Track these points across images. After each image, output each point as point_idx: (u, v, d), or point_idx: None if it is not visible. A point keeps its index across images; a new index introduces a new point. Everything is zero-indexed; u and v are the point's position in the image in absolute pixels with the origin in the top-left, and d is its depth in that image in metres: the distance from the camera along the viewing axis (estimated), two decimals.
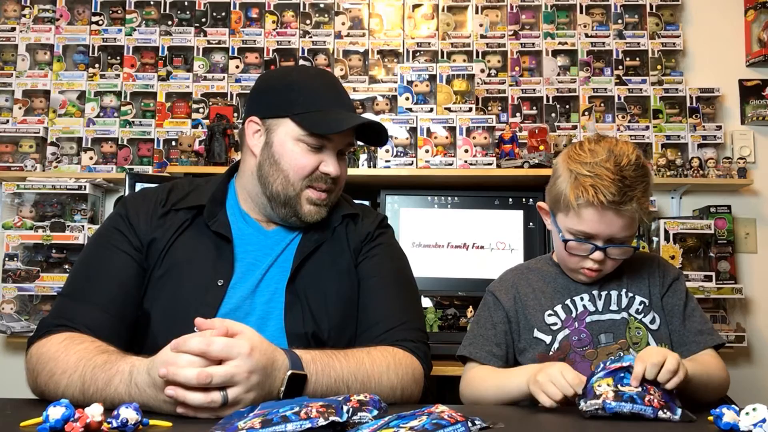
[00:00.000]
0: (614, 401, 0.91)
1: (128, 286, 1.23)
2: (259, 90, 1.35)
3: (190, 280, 1.24)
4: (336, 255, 1.32)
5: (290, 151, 1.27)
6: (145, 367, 0.98)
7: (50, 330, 1.16)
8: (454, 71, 2.50)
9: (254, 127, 1.31)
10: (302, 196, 1.28)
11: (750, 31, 2.74)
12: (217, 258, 1.27)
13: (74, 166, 2.64)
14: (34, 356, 1.14)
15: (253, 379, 0.95)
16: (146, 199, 1.33)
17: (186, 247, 1.27)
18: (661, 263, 1.40)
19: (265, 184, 1.29)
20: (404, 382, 1.20)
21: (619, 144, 1.28)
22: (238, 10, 2.75)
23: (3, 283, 2.44)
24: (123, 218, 1.29)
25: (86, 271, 1.26)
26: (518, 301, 1.38)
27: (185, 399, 0.92)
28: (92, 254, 1.28)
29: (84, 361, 1.05)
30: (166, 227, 1.28)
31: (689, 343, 1.31)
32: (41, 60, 2.73)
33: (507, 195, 2.37)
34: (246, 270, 1.27)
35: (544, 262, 1.44)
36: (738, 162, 2.58)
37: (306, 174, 1.27)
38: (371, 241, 1.36)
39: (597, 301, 1.35)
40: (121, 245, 1.26)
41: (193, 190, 1.35)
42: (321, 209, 1.30)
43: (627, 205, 1.21)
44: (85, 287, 1.22)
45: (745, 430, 0.85)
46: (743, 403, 0.92)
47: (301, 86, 1.30)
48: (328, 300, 1.28)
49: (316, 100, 1.28)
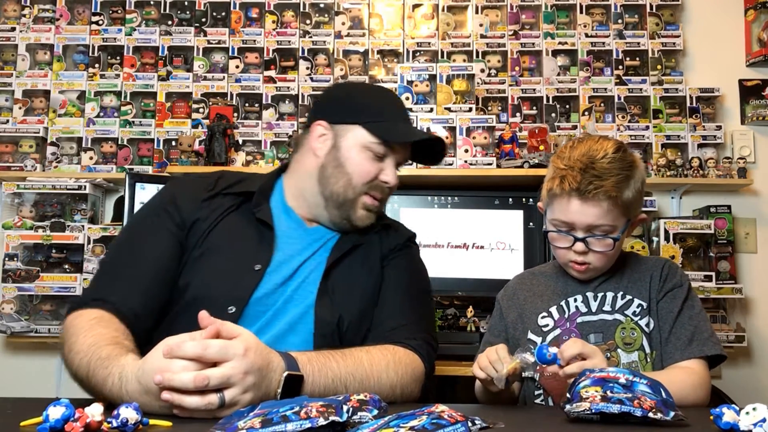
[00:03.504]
0: (602, 403, 0.91)
1: (166, 264, 1.28)
2: (329, 97, 1.46)
3: (229, 262, 1.28)
4: (367, 257, 1.38)
5: (356, 157, 1.33)
6: (134, 375, 0.97)
7: (87, 304, 1.20)
8: (454, 71, 2.50)
9: (321, 130, 1.37)
10: (359, 201, 1.35)
11: (750, 31, 2.74)
12: (257, 244, 1.31)
13: (74, 166, 2.64)
14: (67, 325, 1.17)
15: (249, 379, 0.95)
16: (193, 182, 1.40)
17: (228, 230, 1.32)
18: (667, 268, 1.38)
19: (325, 185, 1.35)
20: (404, 380, 1.20)
21: (601, 141, 1.33)
22: (238, 10, 2.75)
23: (3, 283, 2.44)
24: (169, 197, 1.34)
25: (127, 246, 1.31)
26: (518, 307, 1.42)
27: (182, 403, 0.92)
28: (135, 231, 1.34)
29: (94, 348, 1.06)
30: (212, 209, 1.33)
31: (672, 352, 1.30)
32: (41, 60, 2.73)
33: (507, 195, 2.37)
34: (283, 260, 1.31)
35: (549, 266, 1.48)
36: (738, 162, 2.58)
37: (368, 180, 1.34)
38: (397, 252, 1.42)
39: (591, 302, 1.36)
40: (164, 223, 1.31)
41: (243, 180, 1.42)
42: (371, 216, 1.37)
43: (592, 194, 1.24)
44: (125, 263, 1.27)
45: (745, 430, 0.85)
46: (743, 403, 0.92)
47: (372, 98, 1.41)
48: (354, 295, 1.32)
49: (385, 112, 1.37)
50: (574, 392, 0.99)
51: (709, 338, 1.30)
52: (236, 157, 2.60)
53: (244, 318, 1.23)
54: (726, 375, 2.55)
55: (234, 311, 1.22)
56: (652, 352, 1.31)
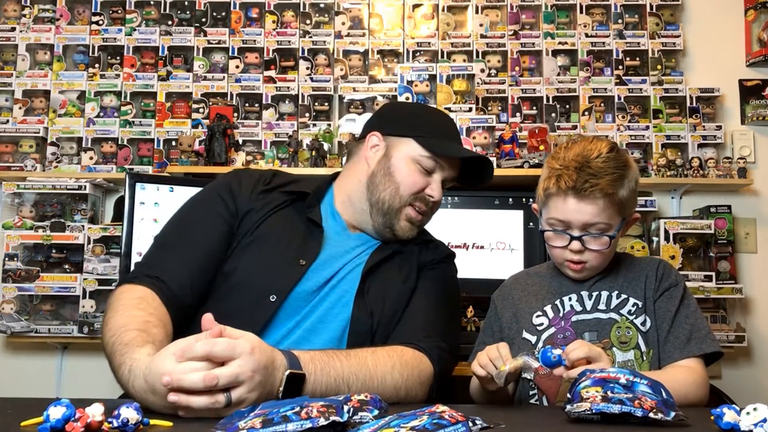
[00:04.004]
0: (602, 403, 0.91)
1: (216, 247, 1.32)
2: (386, 112, 1.55)
3: (276, 253, 1.32)
4: (404, 267, 1.42)
5: (406, 168, 1.39)
6: (141, 372, 0.98)
7: (138, 279, 1.24)
8: (454, 71, 2.50)
9: (374, 141, 1.44)
10: (403, 212, 1.39)
11: (750, 31, 2.74)
12: (305, 241, 1.36)
13: (74, 166, 2.64)
14: (113, 298, 1.20)
15: (257, 378, 0.96)
16: (251, 175, 1.45)
17: (279, 223, 1.36)
18: (662, 267, 1.39)
19: (373, 191, 1.40)
20: (409, 382, 1.20)
21: (595, 141, 1.35)
22: (238, 10, 2.75)
23: (3, 283, 2.44)
24: (226, 185, 1.40)
25: (182, 225, 1.36)
26: (512, 306, 1.44)
27: (189, 404, 0.92)
28: (190, 212, 1.39)
29: (121, 331, 1.08)
30: (266, 202, 1.38)
31: (671, 351, 1.30)
32: (41, 60, 2.73)
33: (507, 195, 2.37)
34: (327, 259, 1.35)
35: (545, 266, 1.49)
36: (738, 162, 2.58)
37: (415, 191, 1.39)
38: (434, 265, 1.45)
39: (586, 301, 1.37)
40: (218, 208, 1.36)
41: (298, 180, 1.47)
42: (414, 228, 1.42)
43: (588, 192, 1.27)
44: (177, 242, 1.32)
45: (745, 430, 0.85)
46: (743, 403, 0.92)
47: (426, 116, 1.50)
48: (386, 299, 1.35)
49: (438, 129, 1.44)
50: (575, 392, 0.99)
51: (706, 336, 1.32)
52: (236, 157, 2.60)
53: (283, 309, 1.27)
54: (726, 375, 2.55)
55: (275, 300, 1.26)
56: (649, 351, 1.32)
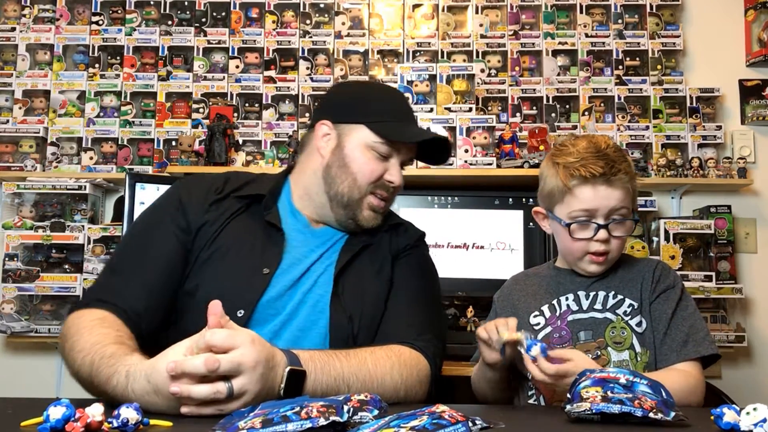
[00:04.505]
0: (602, 403, 0.91)
1: (172, 266, 1.27)
2: (333, 97, 1.44)
3: (237, 265, 1.27)
4: (377, 259, 1.37)
5: (361, 156, 1.33)
6: (143, 374, 0.97)
7: (90, 303, 1.20)
8: (454, 71, 2.50)
9: (325, 129, 1.36)
10: (364, 201, 1.34)
11: (750, 31, 2.74)
12: (266, 247, 1.30)
13: (74, 166, 2.64)
14: (69, 324, 1.17)
15: (259, 369, 0.95)
16: (201, 183, 1.37)
17: (237, 232, 1.31)
18: (659, 269, 1.39)
19: (331, 185, 1.34)
20: (408, 382, 1.20)
21: (595, 136, 1.39)
22: (238, 10, 2.75)
23: (3, 283, 2.44)
24: (175, 199, 1.33)
25: (133, 248, 1.31)
26: (512, 307, 1.44)
27: (190, 393, 0.92)
28: (140, 232, 1.33)
29: (97, 347, 1.06)
30: (220, 212, 1.32)
31: (668, 353, 1.31)
32: (41, 60, 2.73)
33: (507, 195, 2.37)
34: (291, 263, 1.31)
35: (545, 267, 1.50)
36: (738, 162, 2.58)
37: (373, 180, 1.33)
38: (408, 251, 1.41)
39: (583, 301, 1.38)
40: (170, 226, 1.30)
41: (251, 181, 1.40)
42: (378, 216, 1.36)
43: (617, 176, 1.30)
44: (131, 264, 1.27)
45: (745, 430, 0.85)
46: (743, 403, 0.92)
47: (377, 97, 1.39)
48: (364, 298, 1.31)
49: (390, 111, 1.36)
50: (575, 392, 0.99)
51: (704, 338, 1.32)
52: (236, 157, 2.60)
53: (253, 321, 1.23)
54: (726, 375, 2.55)
55: (243, 314, 1.22)
56: (645, 352, 1.32)
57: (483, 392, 1.39)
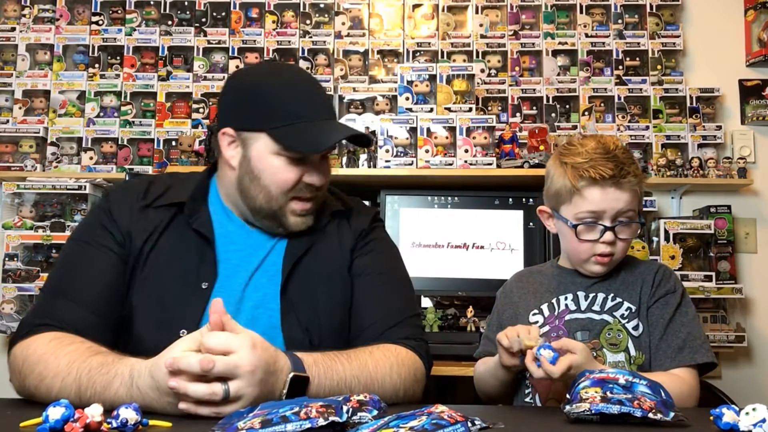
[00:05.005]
0: (601, 403, 0.91)
1: (112, 283, 1.21)
2: (231, 100, 1.29)
3: (174, 284, 1.21)
4: (327, 256, 1.29)
5: (270, 166, 1.21)
6: (147, 370, 0.97)
7: (33, 330, 1.13)
8: (454, 71, 2.50)
9: (228, 138, 1.25)
10: (287, 209, 1.24)
11: (750, 31, 2.74)
12: (200, 259, 1.24)
13: (74, 166, 2.64)
14: (20, 357, 1.10)
15: (258, 374, 0.94)
16: (127, 192, 1.30)
17: (168, 249, 1.24)
18: (660, 273, 1.39)
19: (247, 198, 1.25)
20: (407, 383, 1.19)
21: (604, 137, 1.38)
22: (238, 10, 2.75)
23: (3, 283, 2.44)
24: (105, 212, 1.26)
25: (69, 267, 1.23)
26: (513, 304, 1.45)
27: (187, 390, 0.92)
28: (75, 250, 1.25)
29: (77, 364, 1.03)
30: (147, 223, 1.25)
31: (663, 358, 1.31)
32: (41, 60, 2.73)
33: (507, 195, 2.37)
34: (231, 272, 1.25)
35: (548, 265, 1.51)
36: (738, 162, 2.58)
37: (289, 188, 1.22)
38: (365, 237, 1.34)
39: (581, 301, 1.38)
40: (104, 241, 1.23)
41: (173, 185, 1.31)
42: (307, 218, 1.27)
43: (626, 179, 1.30)
44: (68, 285, 1.20)
45: (745, 430, 0.85)
46: (743, 403, 0.92)
47: (275, 96, 1.23)
48: (320, 306, 1.25)
49: (292, 110, 1.22)
50: (574, 393, 0.99)
51: (701, 346, 1.31)
52: None
53: None
54: (726, 375, 2.55)
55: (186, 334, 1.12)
56: (640, 355, 1.32)
57: (489, 389, 1.39)
